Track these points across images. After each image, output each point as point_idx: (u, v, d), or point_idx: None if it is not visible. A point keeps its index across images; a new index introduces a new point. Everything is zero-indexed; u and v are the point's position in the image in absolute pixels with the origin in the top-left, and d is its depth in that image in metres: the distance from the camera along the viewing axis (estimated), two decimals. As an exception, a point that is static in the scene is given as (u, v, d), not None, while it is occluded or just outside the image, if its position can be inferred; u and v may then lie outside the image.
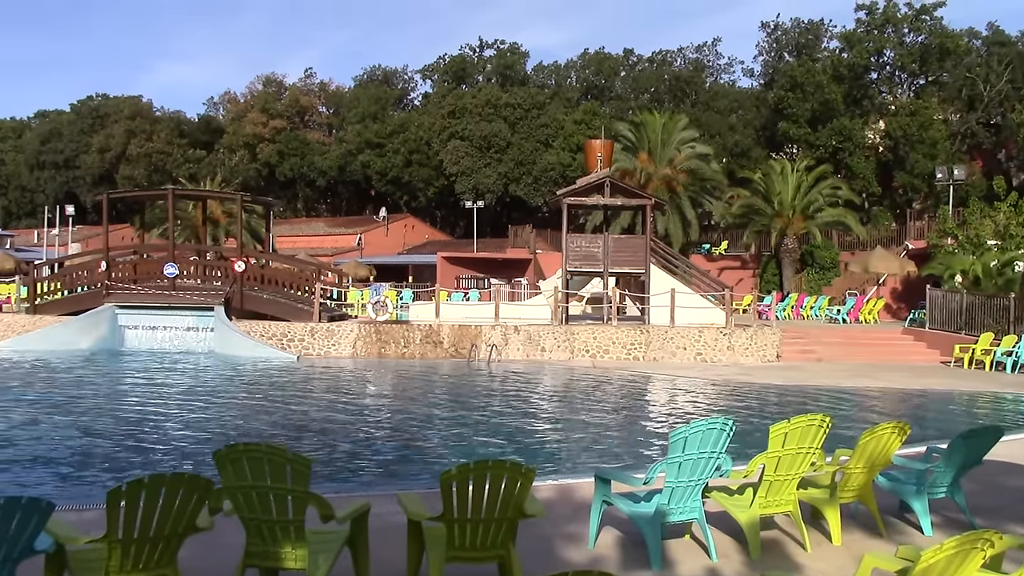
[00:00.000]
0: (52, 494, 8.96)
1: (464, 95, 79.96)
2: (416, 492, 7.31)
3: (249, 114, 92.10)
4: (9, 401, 17.08)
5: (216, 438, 13.14)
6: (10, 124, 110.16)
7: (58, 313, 29.04)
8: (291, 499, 5.28)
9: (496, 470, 5.40)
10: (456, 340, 25.87)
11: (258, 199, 43.04)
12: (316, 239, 74.50)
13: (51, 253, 62.39)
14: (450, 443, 13.18)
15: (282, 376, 21.61)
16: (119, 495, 4.70)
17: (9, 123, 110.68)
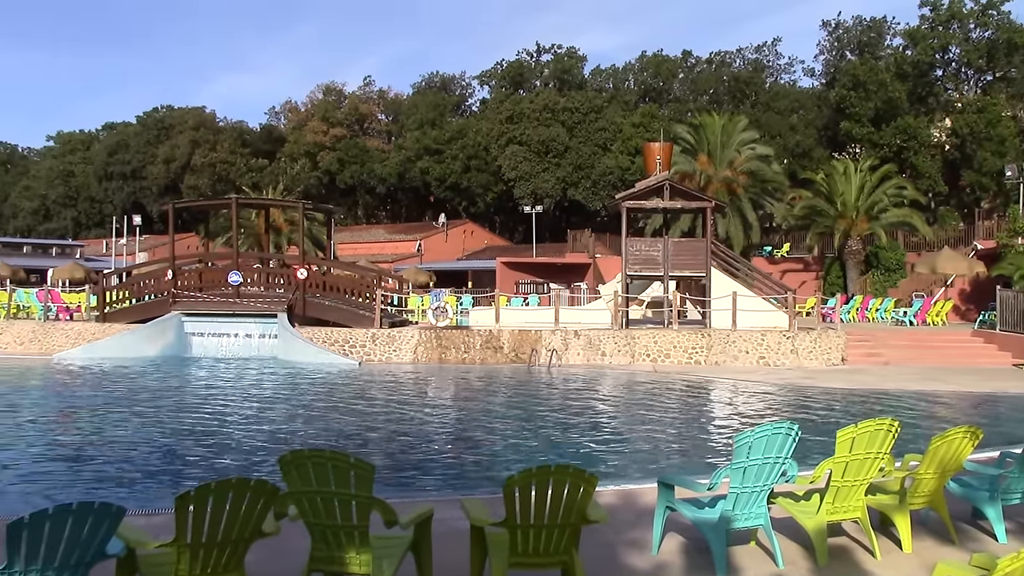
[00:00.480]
0: (122, 499, 9.13)
1: (522, 100, 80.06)
2: (479, 497, 7.31)
3: (310, 123, 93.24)
4: (80, 408, 17.47)
5: (280, 443, 13.29)
6: (80, 137, 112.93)
7: (126, 321, 29.64)
8: (355, 504, 5.31)
9: (559, 475, 5.38)
10: (516, 345, 25.87)
11: (319, 207, 43.53)
12: (376, 246, 75.06)
13: (119, 262, 63.79)
14: (512, 448, 13.17)
15: (344, 382, 21.80)
16: (187, 500, 4.77)
17: (79, 136, 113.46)
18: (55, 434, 14.32)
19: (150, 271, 33.76)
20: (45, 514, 4.26)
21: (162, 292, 30.11)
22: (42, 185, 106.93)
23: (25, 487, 10.51)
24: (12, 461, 11.99)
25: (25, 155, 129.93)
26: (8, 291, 35.44)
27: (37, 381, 22.56)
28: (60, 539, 4.35)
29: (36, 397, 19.78)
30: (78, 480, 10.92)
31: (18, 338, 29.47)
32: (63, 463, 11.94)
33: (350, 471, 5.26)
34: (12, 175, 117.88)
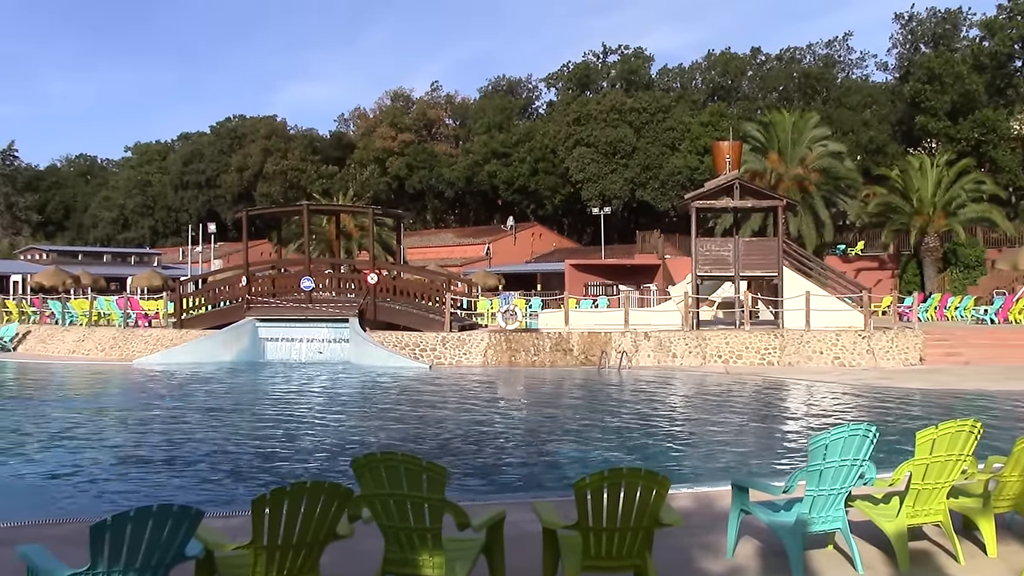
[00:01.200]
0: (201, 502, 9.31)
1: (589, 102, 79.89)
2: (550, 500, 7.29)
3: (378, 129, 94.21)
4: (159, 412, 17.87)
5: (353, 446, 13.42)
6: (156, 148, 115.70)
7: (202, 327, 30.26)
8: (427, 507, 5.32)
9: (631, 478, 5.34)
10: (586, 347, 25.80)
11: (389, 212, 43.96)
12: (445, 250, 75.43)
13: (195, 269, 65.21)
14: (583, 451, 13.13)
15: (415, 385, 21.94)
16: (263, 502, 4.84)
17: (155, 146, 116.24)
18: (136, 437, 14.65)
19: (225, 278, 34.44)
20: (127, 516, 4.35)
21: (237, 298, 30.67)
22: (120, 195, 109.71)
23: (107, 489, 10.78)
24: (95, 464, 12.30)
25: (104, 166, 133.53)
26: (90, 299, 36.42)
27: (118, 386, 23.16)
28: (141, 541, 4.44)
29: (117, 402, 20.30)
30: (158, 483, 11.15)
31: (99, 344, 30.29)
32: (144, 466, 12.21)
33: (422, 474, 5.28)
34: (92, 186, 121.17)
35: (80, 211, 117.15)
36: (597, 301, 40.04)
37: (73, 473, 11.73)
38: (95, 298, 36.92)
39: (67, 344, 31.28)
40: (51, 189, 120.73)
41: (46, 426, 15.99)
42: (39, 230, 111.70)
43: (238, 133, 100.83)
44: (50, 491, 10.70)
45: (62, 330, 33.17)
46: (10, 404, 20.13)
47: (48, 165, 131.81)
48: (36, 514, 8.74)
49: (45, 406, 19.07)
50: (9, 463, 12.69)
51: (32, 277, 52.79)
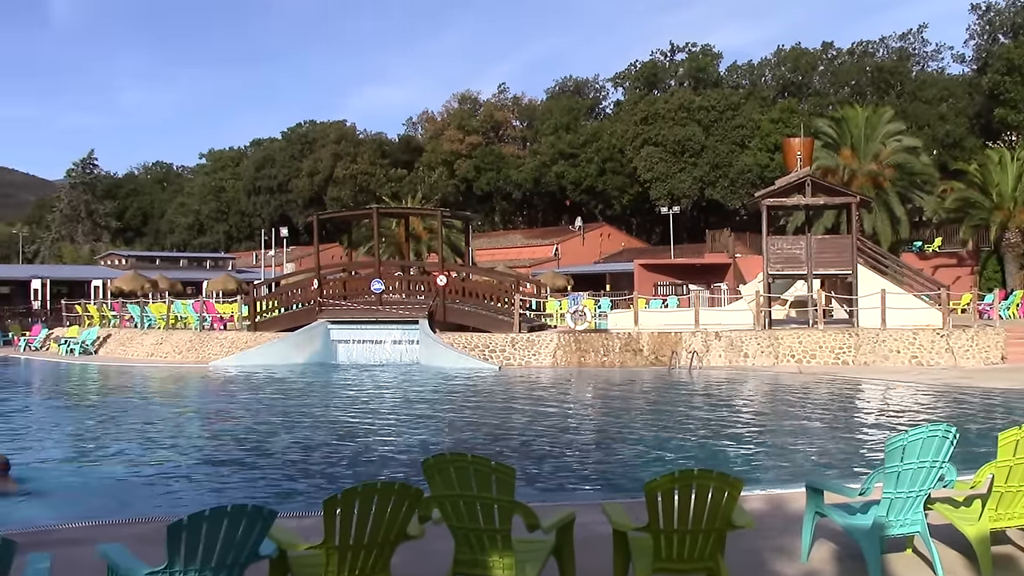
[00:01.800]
0: (274, 501, 9.45)
1: (656, 100, 79.43)
2: (620, 502, 7.24)
3: (446, 132, 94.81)
4: (234, 414, 18.19)
5: (423, 447, 13.49)
6: (229, 154, 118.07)
7: (276, 329, 30.72)
8: (497, 508, 5.32)
9: (702, 480, 5.27)
10: (656, 347, 25.61)
11: (457, 214, 44.17)
12: (514, 251, 75.55)
13: (268, 273, 66.28)
14: (653, 452, 13.02)
15: (485, 386, 22.01)
16: (335, 503, 4.88)
17: (228, 153, 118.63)
18: (211, 438, 14.93)
19: (297, 281, 34.95)
20: (202, 516, 4.43)
21: (308, 301, 31.09)
22: (196, 201, 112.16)
23: (184, 489, 11.01)
24: (173, 464, 12.57)
25: (180, 173, 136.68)
26: (167, 303, 37.23)
27: (194, 388, 23.65)
28: (216, 540, 4.52)
29: (194, 403, 20.73)
30: (233, 483, 11.34)
31: (177, 347, 30.95)
32: (219, 466, 12.43)
33: (491, 475, 5.28)
34: (168, 192, 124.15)
35: (157, 217, 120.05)
36: (667, 301, 39.71)
37: (152, 473, 12.00)
38: (172, 302, 37.68)
39: (146, 347, 32.03)
40: (129, 196, 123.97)
41: (126, 427, 16.38)
42: (118, 236, 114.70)
43: (309, 138, 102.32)
44: (129, 491, 10.94)
45: (141, 333, 34.00)
46: (92, 406, 20.69)
47: (126, 173, 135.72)
48: (116, 514, 8.96)
49: (125, 408, 19.54)
50: (91, 463, 13.04)
51: (112, 282, 54.23)
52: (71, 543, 7.27)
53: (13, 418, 18.06)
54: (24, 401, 21.69)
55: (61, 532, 7.85)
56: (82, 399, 22.38)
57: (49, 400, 22.33)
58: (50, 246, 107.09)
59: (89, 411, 19.65)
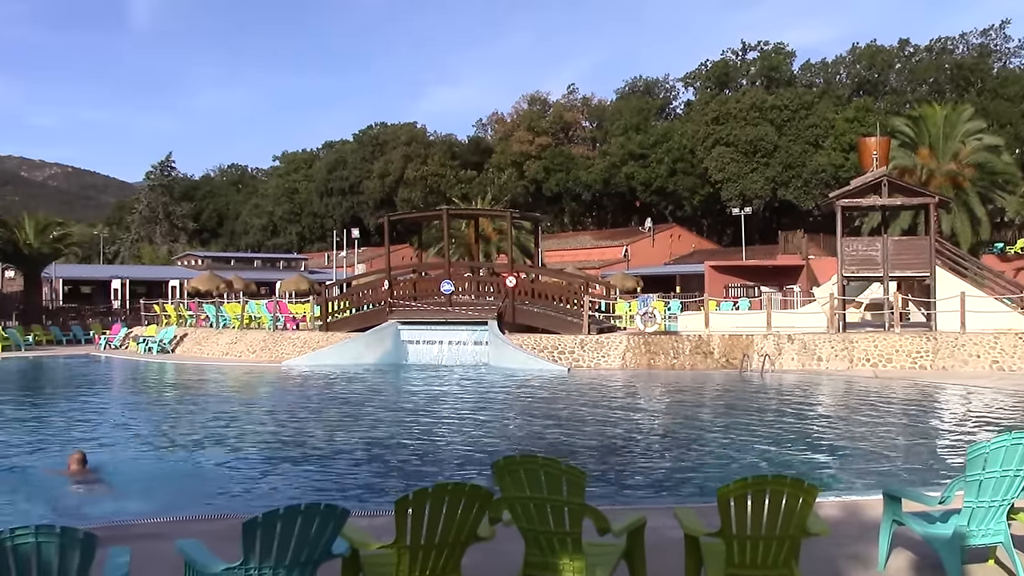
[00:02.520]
0: (346, 500, 9.55)
1: (728, 100, 78.67)
2: (692, 506, 7.17)
3: (516, 133, 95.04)
4: (307, 413, 18.45)
5: (493, 449, 13.52)
6: (302, 156, 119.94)
7: (347, 330, 31.09)
8: (567, 511, 5.31)
9: (776, 486, 5.19)
10: (727, 350, 25.33)
11: (526, 215, 44.21)
12: (583, 252, 75.46)
13: (339, 274, 67.11)
14: (725, 456, 12.87)
15: (554, 388, 21.98)
16: (406, 503, 4.91)
17: (301, 155, 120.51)
18: (284, 436, 15.15)
19: (368, 282, 35.33)
20: (276, 514, 4.49)
21: (379, 302, 31.39)
22: (270, 203, 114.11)
23: (258, 486, 11.20)
24: (245, 461, 12.80)
25: (254, 175, 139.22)
26: (241, 303, 37.92)
27: (268, 387, 24.03)
28: (290, 537, 4.58)
29: (267, 402, 21.07)
30: (306, 481, 11.50)
31: (251, 347, 31.50)
32: (291, 464, 12.61)
33: (562, 477, 5.27)
34: (243, 194, 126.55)
35: (232, 219, 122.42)
36: (738, 303, 39.27)
37: (226, 470, 12.23)
38: (246, 302, 38.38)
39: (220, 346, 32.66)
40: (205, 198, 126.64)
41: (201, 424, 16.72)
42: (194, 237, 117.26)
43: (380, 140, 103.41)
44: (204, 486, 11.17)
45: (216, 333, 34.68)
46: (169, 403, 21.18)
47: (202, 175, 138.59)
48: (193, 510, 9.14)
49: (201, 405, 19.96)
50: (167, 459, 13.34)
51: (188, 282, 55.45)
52: (150, 537, 7.44)
53: (95, 414, 18.58)
54: (105, 398, 22.29)
55: (140, 527, 8.03)
56: (160, 396, 22.91)
57: (129, 397, 22.90)
58: (129, 247, 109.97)
59: (166, 408, 20.12)
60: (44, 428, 16.58)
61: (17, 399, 22.08)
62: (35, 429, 16.44)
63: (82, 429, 16.38)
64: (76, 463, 11.35)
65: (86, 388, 24.23)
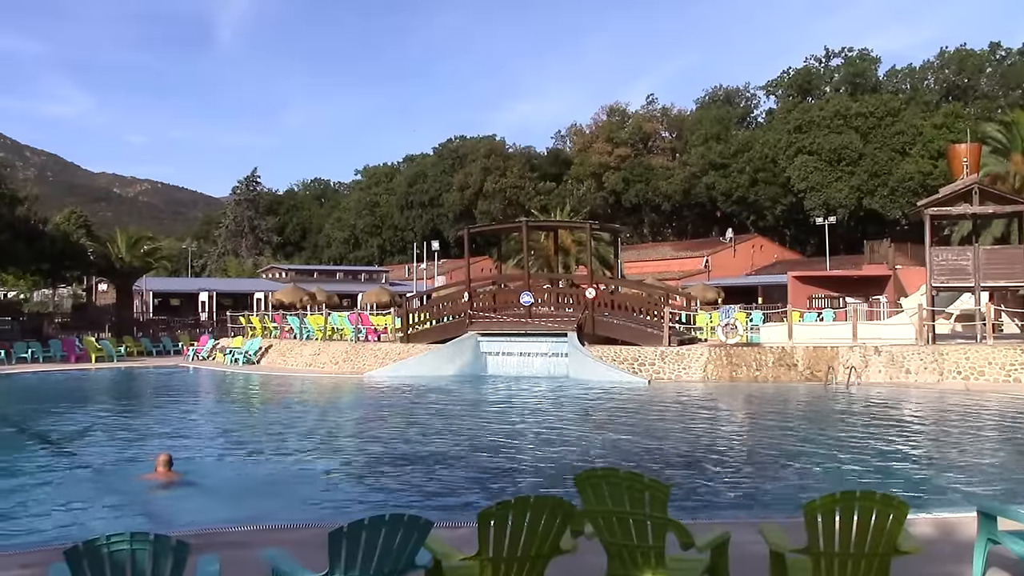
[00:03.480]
0: (429, 511, 9.61)
1: (811, 108, 77.54)
2: (777, 522, 7.05)
3: (595, 144, 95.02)
4: (388, 424, 18.65)
5: (574, 461, 13.48)
6: (383, 170, 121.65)
7: (427, 341, 31.33)
8: (650, 525, 5.27)
9: (865, 502, 5.08)
10: (811, 362, 24.87)
11: (606, 226, 44.08)
12: (663, 263, 75.08)
13: (420, 286, 67.78)
14: (810, 471, 12.63)
15: (634, 400, 21.84)
16: (489, 515, 4.93)
17: (382, 169, 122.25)
18: (367, 447, 15.33)
19: (448, 294, 35.59)
20: (361, 524, 4.55)
21: (459, 313, 31.58)
22: (351, 216, 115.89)
23: (342, 496, 11.33)
24: (329, 471, 12.98)
25: (336, 189, 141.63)
26: (324, 315, 38.52)
27: (350, 398, 24.38)
28: (375, 548, 4.63)
29: (350, 413, 21.37)
30: (387, 491, 11.61)
31: (333, 358, 31.96)
32: (373, 474, 12.76)
33: (645, 491, 5.24)
34: (326, 208, 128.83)
35: (315, 232, 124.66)
36: (822, 314, 38.55)
37: (311, 479, 12.42)
38: (329, 314, 38.99)
39: (304, 357, 33.21)
40: (289, 212, 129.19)
41: (288, 433, 17.02)
42: (279, 250, 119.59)
43: (459, 153, 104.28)
44: (291, 494, 11.36)
45: (300, 344, 35.28)
46: (257, 413, 21.61)
47: (286, 190, 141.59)
48: (279, 518, 9.30)
49: (287, 415, 20.33)
50: (255, 467, 13.60)
51: (273, 295, 56.46)
52: (237, 546, 7.58)
53: (184, 423, 19.06)
54: (194, 407, 22.87)
55: (228, 535, 8.19)
56: (246, 406, 23.42)
57: (217, 406, 23.46)
58: (216, 260, 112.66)
59: (253, 417, 20.54)
60: (136, 435, 17.09)
61: (112, 408, 22.82)
62: (128, 436, 16.96)
63: (172, 436, 16.84)
64: (162, 465, 11.81)
65: (176, 398, 24.90)
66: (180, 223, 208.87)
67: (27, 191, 56.62)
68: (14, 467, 13.44)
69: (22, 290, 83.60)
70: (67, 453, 15.21)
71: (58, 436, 17.21)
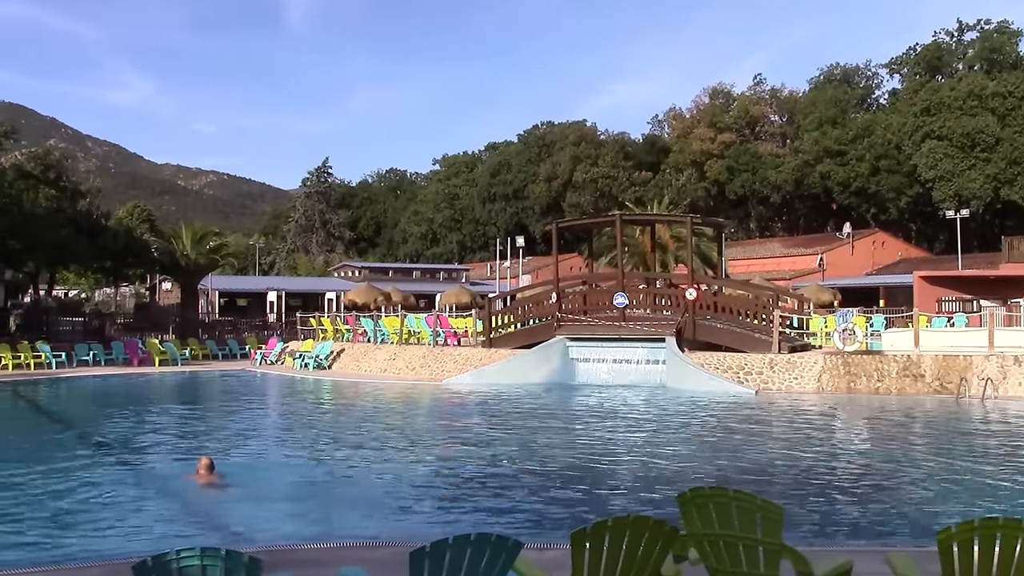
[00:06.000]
0: (515, 531, 9.63)
1: (940, 88, 75.77)
2: (906, 551, 6.88)
3: (696, 130, 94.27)
4: (470, 435, 18.76)
5: (676, 479, 13.37)
6: (463, 159, 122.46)
7: (511, 346, 31.39)
8: (762, 551, 5.20)
9: (1010, 530, 4.93)
10: (941, 373, 24.28)
11: (708, 220, 43.68)
12: (772, 261, 74.33)
13: (503, 285, 68.02)
14: (943, 495, 12.33)
15: (741, 412, 21.60)
16: (583, 536, 4.91)
17: (462, 158, 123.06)
18: (446, 460, 15.43)
19: (533, 294, 35.61)
20: (445, 544, 4.57)
21: (546, 316, 31.57)
22: (429, 209, 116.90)
23: (424, 514, 11.44)
24: (408, 485, 13.10)
25: (413, 180, 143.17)
26: (400, 317, 38.91)
27: (428, 406, 24.61)
28: (459, 570, 4.64)
29: (428, 423, 21.58)
30: (470, 508, 11.67)
31: (409, 363, 32.27)
32: (455, 490, 12.84)
33: (756, 513, 5.16)
34: (402, 201, 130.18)
35: (390, 227, 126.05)
36: (953, 319, 37.64)
37: (390, 495, 12.54)
38: (405, 316, 39.32)
39: (379, 363, 33.59)
40: (362, 205, 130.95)
41: (362, 444, 17.27)
42: (351, 247, 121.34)
43: (546, 141, 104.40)
44: (367, 512, 11.49)
45: (374, 348, 35.70)
46: (327, 422, 21.94)
47: (360, 181, 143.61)
48: (356, 536, 9.42)
49: (360, 425, 20.62)
50: (323, 480, 13.82)
51: (345, 294, 57.36)
52: (312, 564, 7.70)
53: (248, 431, 19.46)
54: (260, 415, 23.41)
55: (303, 552, 8.34)
56: (317, 415, 23.78)
57: (285, 416, 23.90)
58: (285, 257, 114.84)
59: (323, 425, 20.84)
60: (198, 442, 17.50)
61: (174, 414, 23.40)
62: (190, 444, 17.38)
63: (235, 444, 17.24)
64: (204, 468, 12.46)
65: (241, 405, 25.46)
66: (247, 217, 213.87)
67: (89, 184, 58.55)
68: (71, 474, 13.89)
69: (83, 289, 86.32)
70: (124, 460, 15.72)
71: (117, 441, 17.80)
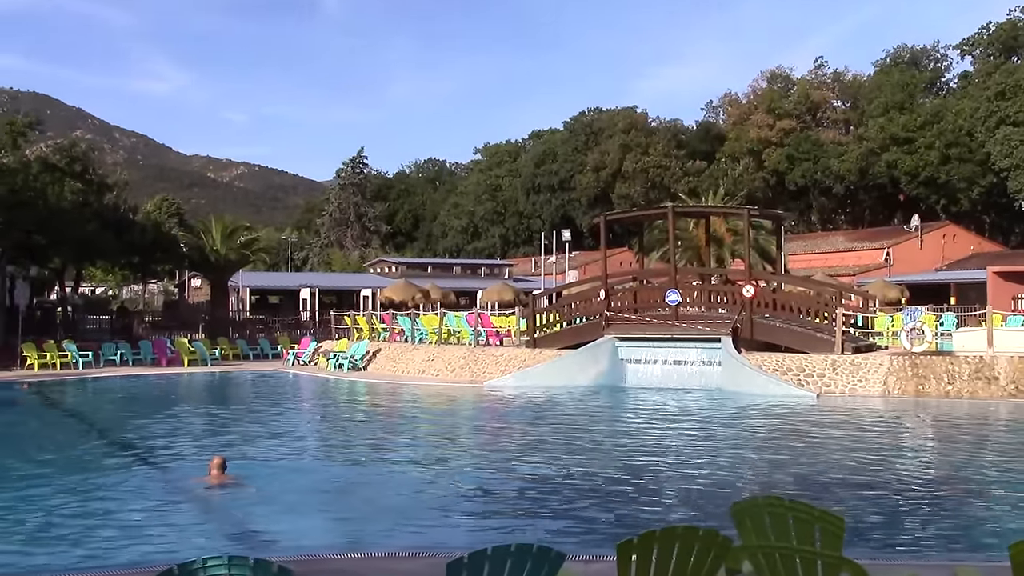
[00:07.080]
0: (558, 541, 9.63)
1: (1016, 70, 74.85)
2: (975, 566, 6.82)
3: (753, 116, 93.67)
4: (514, 440, 18.80)
5: (730, 488, 13.31)
6: (506, 148, 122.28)
7: (557, 346, 31.34)
8: (821, 564, 5.18)
9: (1088, 545, 4.87)
10: (1017, 376, 23.98)
11: (766, 212, 43.46)
12: (834, 256, 73.78)
13: (548, 282, 67.98)
14: (1016, 507, 12.19)
15: (801, 417, 21.47)
16: (630, 548, 4.92)
17: (505, 147, 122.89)
18: (490, 468, 15.48)
19: (580, 291, 35.53)
20: (484, 555, 4.59)
21: (594, 314, 31.46)
22: (470, 201, 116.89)
23: (463, 523, 11.48)
24: (444, 492, 13.15)
25: (453, 171, 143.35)
26: (439, 315, 39.00)
27: (470, 409, 24.69)
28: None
29: (469, 426, 21.68)
30: (510, 517, 11.71)
31: (449, 364, 32.35)
32: (495, 498, 12.89)
33: (815, 524, 5.15)
34: (441, 193, 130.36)
35: (429, 220, 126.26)
36: (1030, 318, 37.15)
37: (426, 502, 12.59)
38: (444, 314, 39.37)
39: (416, 363, 33.69)
40: (400, 198, 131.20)
41: (398, 449, 17.39)
42: (388, 241, 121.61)
43: (594, 129, 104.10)
44: (401, 520, 11.55)
45: (412, 348, 35.84)
46: (362, 424, 22.08)
47: (396, 172, 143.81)
48: (389, 545, 9.48)
49: (397, 428, 20.74)
50: (356, 485, 13.92)
51: (381, 292, 57.59)
52: (343, 574, 7.77)
53: (280, 434, 19.62)
54: (293, 419, 23.57)
55: (332, 562, 8.42)
56: (352, 420, 23.94)
57: (319, 420, 24.11)
58: (318, 252, 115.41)
59: (357, 429, 20.97)
60: (227, 445, 17.64)
61: (203, 417, 23.67)
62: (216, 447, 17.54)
63: (266, 449, 17.40)
64: (216, 468, 12.83)
65: (274, 407, 25.65)
66: (279, 211, 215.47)
67: (116, 177, 59.27)
68: (91, 479, 14.12)
69: (111, 286, 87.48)
70: (147, 461, 15.95)
71: (141, 444, 18.14)
